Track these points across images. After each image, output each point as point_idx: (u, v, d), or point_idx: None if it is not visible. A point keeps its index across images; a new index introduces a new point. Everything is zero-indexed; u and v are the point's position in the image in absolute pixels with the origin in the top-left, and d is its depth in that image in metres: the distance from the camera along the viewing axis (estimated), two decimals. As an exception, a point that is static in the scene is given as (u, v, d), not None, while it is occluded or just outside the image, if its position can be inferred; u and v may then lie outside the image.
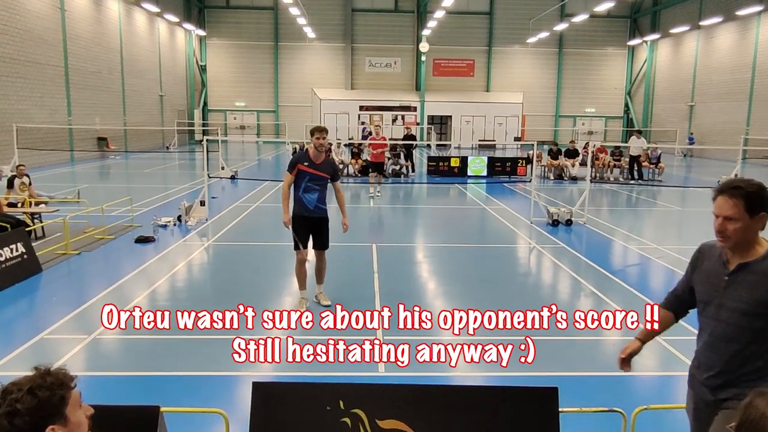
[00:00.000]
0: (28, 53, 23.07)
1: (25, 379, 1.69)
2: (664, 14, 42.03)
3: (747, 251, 2.67)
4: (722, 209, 2.67)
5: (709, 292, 2.77)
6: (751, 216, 2.60)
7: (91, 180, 20.37)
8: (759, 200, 2.60)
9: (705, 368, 2.83)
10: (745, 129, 31.28)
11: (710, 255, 2.86)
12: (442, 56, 45.13)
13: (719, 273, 2.73)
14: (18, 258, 8.16)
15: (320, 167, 6.81)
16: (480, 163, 22.80)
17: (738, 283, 2.64)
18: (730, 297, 2.66)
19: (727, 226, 2.64)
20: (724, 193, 2.66)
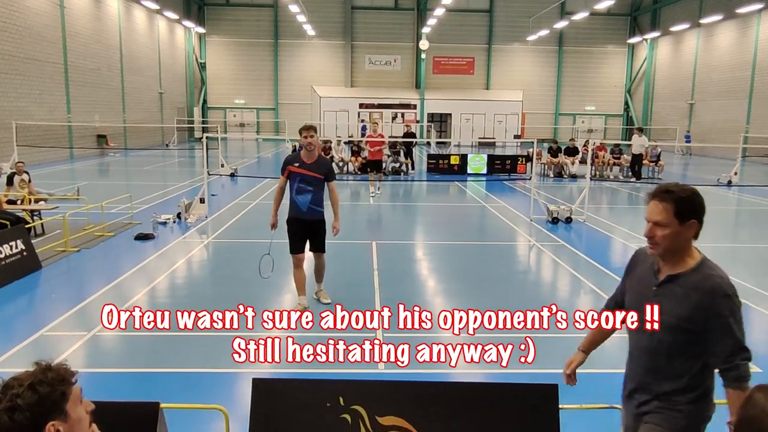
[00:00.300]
0: (28, 50, 23.04)
1: (26, 375, 1.68)
2: (664, 12, 41.99)
3: (678, 261, 2.54)
4: (652, 214, 2.53)
5: (637, 301, 2.67)
6: (680, 222, 2.47)
7: (90, 177, 20.35)
8: (689, 206, 2.48)
9: (630, 381, 2.76)
10: (745, 127, 31.26)
11: (644, 261, 2.73)
12: (442, 54, 45.08)
13: (649, 282, 2.63)
14: (18, 255, 8.15)
15: (312, 167, 6.56)
16: (480, 161, 22.78)
17: (665, 296, 2.54)
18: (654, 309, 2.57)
19: (656, 232, 2.51)
20: (655, 197, 2.53)
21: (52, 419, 1.64)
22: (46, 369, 1.70)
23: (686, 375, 2.54)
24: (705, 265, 2.50)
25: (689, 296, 2.45)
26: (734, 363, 2.46)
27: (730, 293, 2.43)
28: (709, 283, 2.43)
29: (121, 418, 3.21)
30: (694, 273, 2.48)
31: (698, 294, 2.43)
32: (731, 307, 2.43)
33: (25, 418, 1.60)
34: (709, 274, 2.46)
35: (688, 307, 2.45)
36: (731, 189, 19.36)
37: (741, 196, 18.26)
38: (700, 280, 2.45)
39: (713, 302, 2.41)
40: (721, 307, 2.41)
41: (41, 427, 1.62)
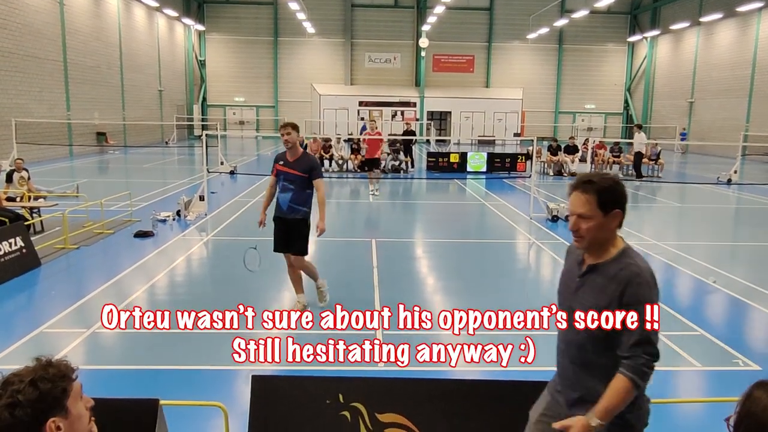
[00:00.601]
0: (27, 47, 23.00)
1: (27, 370, 1.67)
2: (664, 10, 41.95)
3: (602, 252, 2.49)
4: (575, 206, 2.47)
5: (564, 293, 2.64)
6: (604, 213, 2.41)
7: (90, 175, 20.34)
8: (612, 196, 2.43)
9: (559, 377, 2.69)
10: (744, 126, 31.25)
11: (573, 254, 2.68)
12: (441, 52, 45.03)
13: (574, 274, 2.59)
14: (17, 252, 8.15)
15: (293, 165, 6.40)
16: (479, 159, 22.76)
17: (587, 286, 2.50)
18: (579, 300, 2.52)
19: (581, 225, 2.44)
20: (577, 188, 2.46)
21: (53, 415, 1.63)
22: (47, 365, 1.69)
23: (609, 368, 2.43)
24: (626, 254, 2.46)
25: (608, 286, 2.41)
26: (636, 353, 2.34)
27: (645, 281, 2.37)
28: (626, 272, 2.39)
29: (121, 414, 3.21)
30: (615, 262, 2.44)
31: (616, 283, 2.39)
32: (645, 296, 2.36)
33: (25, 414, 1.59)
34: (627, 263, 2.41)
35: (607, 296, 2.40)
36: (731, 187, 19.35)
37: (741, 194, 18.25)
38: (619, 269, 2.41)
39: (627, 290, 2.36)
40: (635, 295, 2.35)
41: (42, 424, 1.61)
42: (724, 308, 7.49)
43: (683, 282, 8.55)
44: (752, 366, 5.53)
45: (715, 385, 5.29)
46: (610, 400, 2.35)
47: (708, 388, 5.29)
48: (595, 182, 2.43)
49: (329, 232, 7.04)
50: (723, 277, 8.56)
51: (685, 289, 8.27)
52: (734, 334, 6.43)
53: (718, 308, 7.52)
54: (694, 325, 6.58)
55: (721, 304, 7.62)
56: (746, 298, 7.68)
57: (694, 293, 8.08)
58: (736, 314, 7.26)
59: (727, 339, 6.16)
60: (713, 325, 6.73)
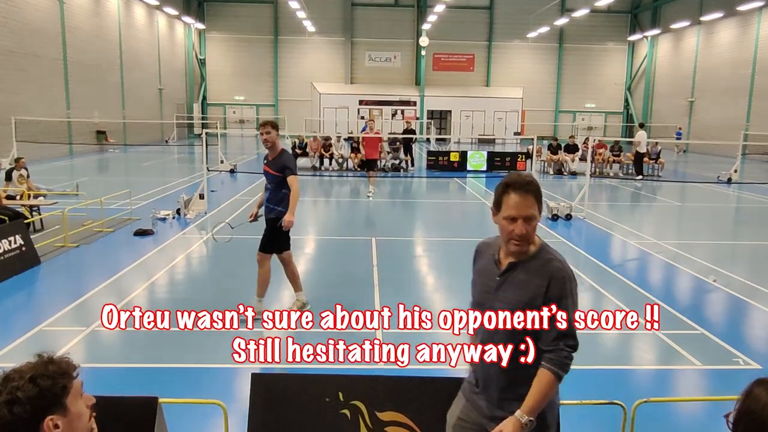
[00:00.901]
0: (27, 46, 22.98)
1: (27, 367, 1.66)
2: (664, 9, 41.92)
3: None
4: (522, 209, 2.37)
5: (482, 293, 2.58)
6: (539, 212, 2.43)
7: (89, 173, 20.32)
8: (541, 194, 2.44)
9: (479, 378, 2.62)
10: (745, 125, 31.23)
11: (486, 253, 2.64)
12: (441, 51, 45.00)
13: (491, 273, 2.54)
14: (16, 250, 8.14)
15: (271, 164, 6.36)
16: (479, 157, 22.75)
17: (508, 284, 2.47)
18: (500, 299, 2.48)
19: (528, 228, 2.38)
20: (519, 189, 2.38)
21: (52, 413, 1.62)
22: (47, 362, 1.68)
23: (534, 363, 2.45)
24: (544, 250, 2.47)
25: (530, 282, 2.41)
26: (558, 346, 2.39)
27: (568, 276, 2.41)
28: (549, 267, 2.41)
29: (120, 412, 3.20)
30: (535, 259, 2.44)
31: (538, 278, 2.40)
32: (567, 291, 2.40)
33: (24, 411, 1.58)
34: (548, 259, 2.43)
35: (529, 292, 2.40)
36: (731, 186, 19.34)
37: (741, 193, 18.25)
38: (540, 265, 2.42)
39: (550, 285, 2.38)
40: (557, 290, 2.38)
41: (40, 421, 1.60)
42: (725, 307, 7.48)
43: (684, 281, 8.54)
44: (752, 365, 5.53)
45: (716, 384, 5.28)
46: (537, 395, 2.38)
47: (708, 386, 5.28)
48: (532, 182, 2.41)
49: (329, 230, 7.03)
50: (723, 276, 8.56)
51: (686, 288, 8.26)
52: (734, 333, 6.42)
53: (719, 307, 7.51)
54: (694, 324, 6.58)
55: (721, 303, 7.62)
56: (747, 297, 7.67)
57: (695, 292, 8.07)
58: (737, 313, 7.25)
59: (728, 338, 6.15)
60: (713, 323, 6.72)
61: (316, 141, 22.31)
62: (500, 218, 2.44)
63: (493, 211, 2.49)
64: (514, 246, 2.42)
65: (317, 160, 22.08)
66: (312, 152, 22.10)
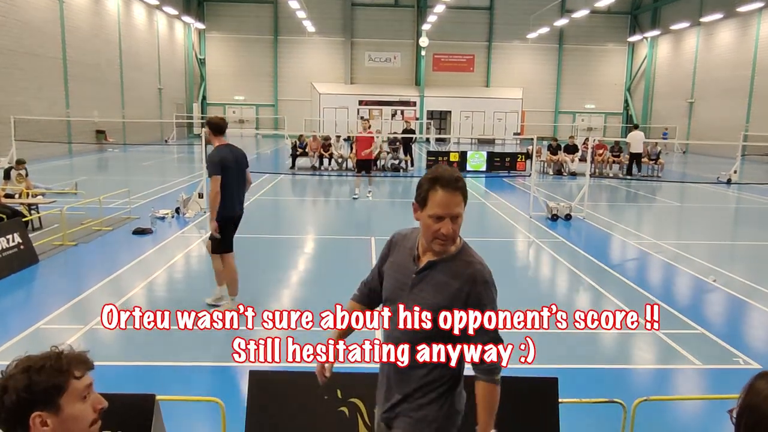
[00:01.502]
0: (27, 45, 22.96)
1: (37, 357, 1.64)
2: (664, 10, 41.93)
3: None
4: (451, 207, 2.23)
5: (396, 290, 2.44)
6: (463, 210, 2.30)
7: (89, 172, 20.29)
8: (467, 191, 2.31)
9: (384, 385, 2.49)
10: (744, 126, 31.23)
11: (403, 246, 2.48)
12: (441, 51, 45.00)
13: (408, 270, 2.39)
14: (14, 248, 8.12)
15: None
16: (479, 158, 22.74)
17: (425, 283, 2.34)
18: (413, 298, 2.36)
19: (454, 227, 2.26)
20: (448, 186, 2.22)
21: (40, 409, 1.58)
22: (56, 356, 1.64)
23: (438, 366, 2.36)
24: (465, 251, 2.36)
25: (449, 283, 2.29)
26: (487, 355, 2.32)
27: (490, 280, 2.32)
28: (470, 270, 2.29)
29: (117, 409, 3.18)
30: (456, 259, 2.32)
31: (459, 281, 2.28)
32: (491, 295, 2.31)
33: (11, 402, 1.56)
34: (469, 261, 2.32)
35: (448, 295, 2.28)
36: (731, 187, 19.33)
37: (741, 194, 18.24)
38: (461, 267, 2.30)
39: (473, 290, 2.27)
40: (481, 294, 2.28)
41: (26, 415, 1.57)
42: (724, 307, 7.47)
43: (683, 281, 8.53)
44: (752, 364, 5.51)
45: (715, 383, 5.26)
46: (489, 410, 2.31)
47: (708, 385, 5.26)
48: (461, 179, 2.27)
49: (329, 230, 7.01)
50: (723, 276, 8.54)
51: (685, 288, 8.24)
52: (734, 333, 6.40)
53: (718, 307, 7.49)
54: (694, 323, 6.56)
55: (721, 302, 7.60)
56: (746, 296, 7.66)
57: (694, 292, 8.06)
58: (736, 313, 7.24)
59: (727, 337, 6.14)
60: (713, 323, 6.71)
61: (315, 141, 22.29)
62: (425, 215, 2.27)
63: (416, 207, 2.32)
64: (439, 245, 2.29)
65: (317, 160, 22.06)
66: (312, 152, 22.08)
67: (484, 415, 2.31)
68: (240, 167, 6.62)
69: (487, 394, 2.31)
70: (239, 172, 6.61)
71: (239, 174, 6.61)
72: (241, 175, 6.68)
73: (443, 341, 2.34)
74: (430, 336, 2.33)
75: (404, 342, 2.38)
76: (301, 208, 15.00)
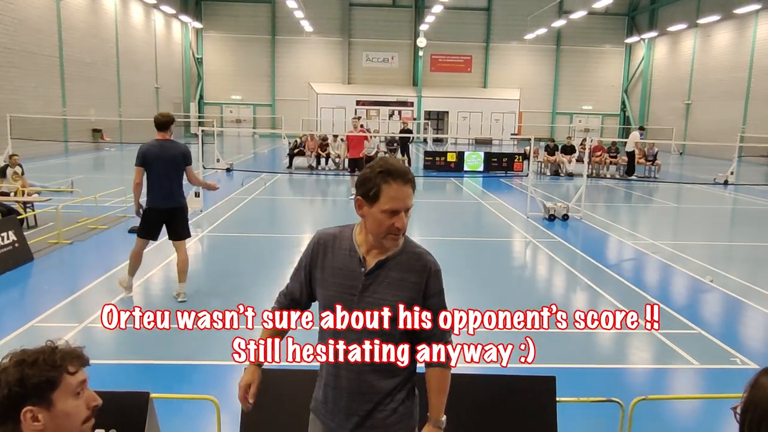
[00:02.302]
0: (23, 43, 22.87)
1: (32, 350, 1.62)
2: (661, 12, 42.01)
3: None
4: (406, 200, 2.15)
5: (341, 294, 2.28)
6: None
7: (85, 171, 20.23)
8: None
9: (334, 399, 2.33)
10: (741, 127, 31.30)
11: (336, 248, 2.30)
12: (439, 52, 45.02)
13: (354, 272, 2.24)
14: (9, 246, 8.07)
15: None
16: (476, 158, 22.73)
17: (378, 284, 2.23)
18: (369, 300, 2.24)
19: (406, 221, 2.18)
20: (401, 179, 2.13)
21: (31, 404, 1.55)
22: (50, 350, 1.62)
23: (405, 367, 2.31)
24: (409, 244, 2.28)
25: (405, 278, 2.23)
26: (447, 340, 2.33)
27: (439, 269, 2.29)
28: (422, 262, 2.25)
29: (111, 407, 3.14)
30: (403, 253, 2.24)
31: (415, 275, 2.23)
32: (441, 285, 2.30)
33: (2, 396, 1.53)
34: (417, 253, 2.27)
35: (407, 290, 2.23)
36: (727, 188, 19.36)
37: (737, 195, 18.27)
38: (413, 260, 2.24)
39: (429, 280, 2.25)
40: (436, 284, 2.27)
41: (17, 409, 1.54)
42: (722, 307, 7.46)
43: (680, 281, 8.52)
44: (750, 364, 5.50)
45: (713, 383, 5.25)
46: (441, 394, 2.31)
47: (706, 385, 5.25)
48: (410, 171, 2.19)
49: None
50: (720, 276, 8.54)
51: (683, 288, 8.24)
52: (732, 333, 6.40)
53: (716, 307, 7.49)
54: (691, 323, 6.55)
55: (718, 302, 7.59)
56: (743, 297, 7.65)
57: (692, 292, 8.05)
58: (734, 313, 7.23)
59: (725, 337, 6.13)
60: (711, 323, 6.70)
61: (312, 140, 22.25)
62: (375, 211, 2.14)
63: (363, 202, 2.17)
64: (392, 241, 2.19)
65: (314, 160, 22.02)
66: (309, 151, 22.04)
67: (438, 398, 2.31)
68: (169, 164, 6.65)
69: (442, 378, 2.32)
70: (168, 168, 6.65)
71: (168, 169, 6.65)
72: (172, 171, 6.70)
73: (404, 339, 2.30)
74: (391, 335, 2.28)
75: (362, 342, 2.29)
76: (299, 207, 14.98)
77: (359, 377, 2.29)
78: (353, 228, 2.31)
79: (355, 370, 2.29)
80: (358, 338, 2.29)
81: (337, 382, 2.34)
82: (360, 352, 2.29)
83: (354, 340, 2.29)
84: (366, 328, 2.27)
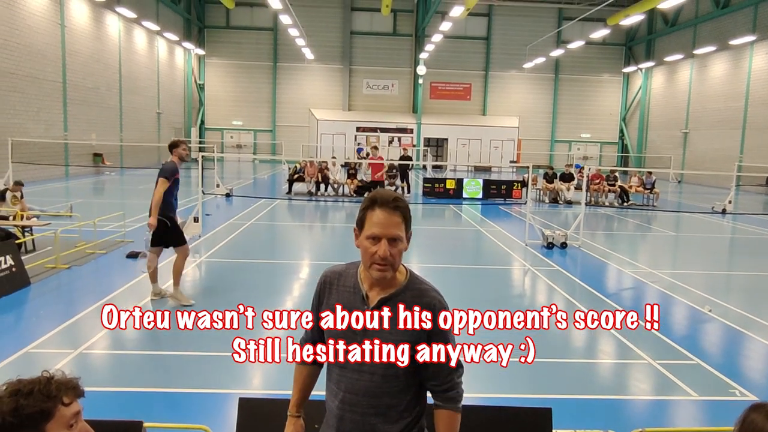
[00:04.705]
0: (27, 68, 23.12)
1: (27, 380, 1.63)
2: (658, 42, 42.58)
3: (390, 281, 2.20)
4: (389, 228, 2.09)
5: (345, 334, 2.28)
6: (407, 235, 2.16)
7: (85, 195, 20.28)
8: (410, 214, 2.17)
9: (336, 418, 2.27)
10: (738, 157, 31.49)
11: (341, 286, 2.30)
12: (439, 80, 45.50)
13: (358, 312, 2.24)
14: (6, 271, 8.05)
15: None
16: (475, 185, 22.82)
17: (382, 322, 2.21)
18: (374, 340, 2.24)
19: (393, 251, 2.11)
20: (385, 206, 2.10)
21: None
22: (46, 380, 1.63)
23: (413, 407, 2.25)
24: (414, 279, 2.24)
25: (410, 317, 2.20)
26: (454, 381, 2.24)
27: (446, 306, 2.23)
28: (427, 299, 2.20)
29: (102, 437, 3.11)
30: (408, 290, 2.20)
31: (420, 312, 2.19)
32: (449, 322, 2.22)
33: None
34: (423, 289, 2.22)
35: (414, 328, 2.19)
36: (726, 217, 19.41)
37: (735, 224, 18.30)
38: (417, 297, 2.20)
39: (435, 319, 2.19)
40: (442, 323, 2.20)
41: None
42: (720, 337, 7.42)
43: (679, 311, 8.49)
44: (749, 396, 5.46)
45: (712, 415, 5.20)
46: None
47: (705, 417, 5.20)
48: (399, 199, 2.14)
49: (324, 256, 7.00)
50: (719, 306, 8.51)
51: (681, 318, 8.20)
52: (731, 364, 6.35)
53: (714, 337, 7.45)
54: (690, 354, 6.51)
55: (717, 333, 7.56)
56: (742, 327, 7.62)
57: (690, 322, 8.02)
58: (733, 343, 7.19)
59: (724, 368, 6.09)
60: (709, 354, 6.66)
61: (312, 166, 22.35)
62: (362, 238, 2.13)
63: (356, 232, 2.18)
64: (377, 271, 2.13)
65: (314, 186, 22.10)
66: (308, 177, 22.13)
67: None
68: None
69: (452, 422, 2.24)
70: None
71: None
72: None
73: (410, 378, 2.24)
74: (401, 374, 2.22)
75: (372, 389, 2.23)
76: (297, 233, 14.98)
77: (363, 419, 2.22)
78: (359, 265, 2.27)
79: (359, 412, 2.23)
80: (361, 383, 2.24)
81: (340, 425, 2.27)
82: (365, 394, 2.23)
83: (357, 380, 2.25)
84: (368, 370, 2.24)
